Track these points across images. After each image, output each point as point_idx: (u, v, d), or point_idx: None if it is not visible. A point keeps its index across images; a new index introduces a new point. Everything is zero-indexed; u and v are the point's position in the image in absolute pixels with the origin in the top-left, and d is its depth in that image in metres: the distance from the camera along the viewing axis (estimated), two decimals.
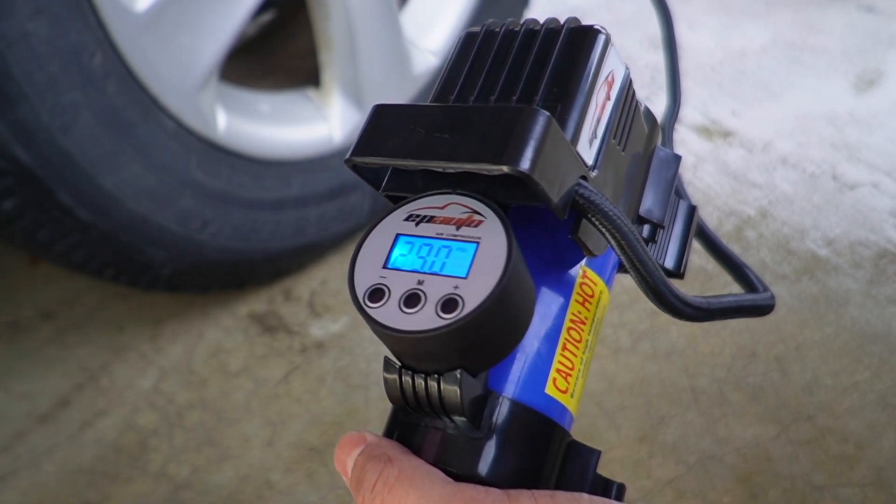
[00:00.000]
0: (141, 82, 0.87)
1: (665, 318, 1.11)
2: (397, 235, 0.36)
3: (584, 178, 0.37)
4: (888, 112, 1.42)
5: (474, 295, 0.33)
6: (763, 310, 0.46)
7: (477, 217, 0.35)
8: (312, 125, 1.09)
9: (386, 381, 0.35)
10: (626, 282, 0.45)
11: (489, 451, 0.35)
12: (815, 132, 1.38)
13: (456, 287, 0.33)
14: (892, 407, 0.97)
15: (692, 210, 0.50)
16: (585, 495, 0.34)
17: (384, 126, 0.38)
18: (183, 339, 1.06)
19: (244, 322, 1.08)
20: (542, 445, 0.37)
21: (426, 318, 0.33)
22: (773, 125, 1.40)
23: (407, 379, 0.34)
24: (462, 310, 0.33)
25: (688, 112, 1.40)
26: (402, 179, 0.39)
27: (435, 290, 0.34)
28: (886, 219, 1.22)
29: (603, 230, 0.36)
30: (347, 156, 0.38)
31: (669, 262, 0.48)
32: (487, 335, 0.34)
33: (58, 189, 0.83)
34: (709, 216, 1.22)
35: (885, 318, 1.07)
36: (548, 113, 0.35)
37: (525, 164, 0.33)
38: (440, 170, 0.35)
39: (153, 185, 0.90)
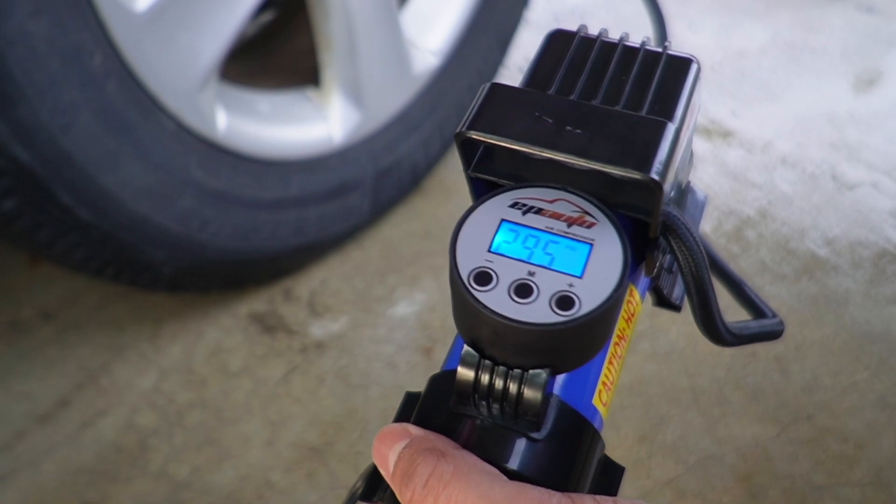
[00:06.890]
0: (141, 82, 0.87)
1: (665, 318, 1.11)
2: (502, 220, 0.36)
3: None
4: (888, 112, 1.42)
5: (591, 296, 0.33)
6: (777, 335, 0.48)
7: (589, 219, 0.36)
8: (312, 125, 1.09)
9: (460, 371, 0.34)
10: None
11: (545, 452, 0.35)
12: (814, 132, 1.38)
13: (570, 285, 0.33)
14: (892, 407, 0.97)
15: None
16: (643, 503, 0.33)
17: (503, 107, 0.37)
18: (183, 339, 1.06)
19: (244, 322, 1.08)
20: (590, 454, 0.37)
21: (539, 312, 0.33)
22: (772, 125, 1.40)
23: (484, 372, 0.34)
24: (579, 309, 0.33)
25: None
26: (494, 164, 0.39)
27: (548, 285, 0.33)
28: (886, 219, 1.22)
29: (679, 254, 0.37)
30: (461, 128, 0.36)
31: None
32: (589, 338, 0.34)
33: (58, 189, 0.83)
34: (708, 216, 1.22)
35: (885, 318, 1.07)
36: (676, 128, 0.36)
37: (659, 176, 0.34)
38: (570, 164, 0.35)
39: (153, 184, 0.90)
